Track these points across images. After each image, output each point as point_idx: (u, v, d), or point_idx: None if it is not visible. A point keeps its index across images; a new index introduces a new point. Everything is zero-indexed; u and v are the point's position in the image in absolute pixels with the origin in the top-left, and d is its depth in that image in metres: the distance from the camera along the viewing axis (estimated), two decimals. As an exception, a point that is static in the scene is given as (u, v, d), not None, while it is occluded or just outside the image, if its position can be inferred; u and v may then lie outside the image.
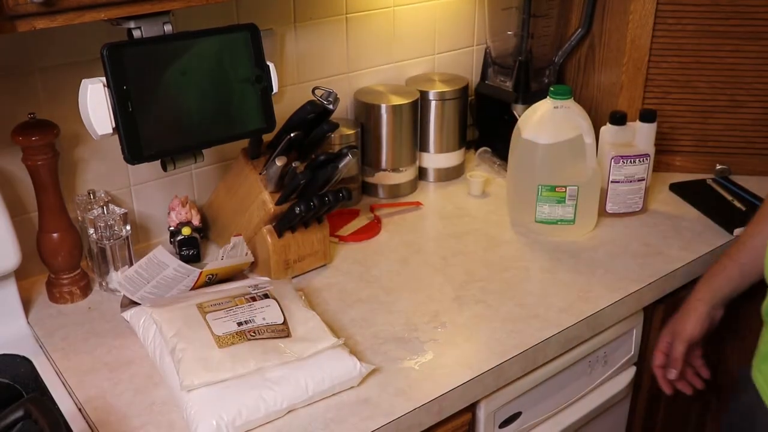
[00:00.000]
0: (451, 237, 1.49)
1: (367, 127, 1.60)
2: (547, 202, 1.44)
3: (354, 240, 1.47)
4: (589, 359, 1.33)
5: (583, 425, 1.38)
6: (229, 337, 1.06)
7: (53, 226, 1.25)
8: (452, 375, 1.11)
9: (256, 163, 1.32)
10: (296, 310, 1.14)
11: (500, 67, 1.76)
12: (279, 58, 1.50)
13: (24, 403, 0.83)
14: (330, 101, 1.26)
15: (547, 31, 1.73)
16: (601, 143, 1.51)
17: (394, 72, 1.71)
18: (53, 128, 1.20)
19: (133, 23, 1.08)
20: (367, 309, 1.26)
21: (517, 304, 1.27)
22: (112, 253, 1.28)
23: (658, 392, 1.56)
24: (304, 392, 1.03)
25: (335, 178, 1.30)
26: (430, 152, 1.70)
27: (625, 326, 1.36)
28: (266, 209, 1.29)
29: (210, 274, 1.22)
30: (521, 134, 1.44)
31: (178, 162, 1.18)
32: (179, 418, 1.02)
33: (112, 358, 1.14)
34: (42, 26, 0.94)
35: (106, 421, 1.02)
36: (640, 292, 1.32)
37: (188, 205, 1.40)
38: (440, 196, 1.66)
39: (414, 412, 1.05)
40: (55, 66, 1.25)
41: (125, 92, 1.07)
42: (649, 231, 1.50)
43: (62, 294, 1.28)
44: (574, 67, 1.79)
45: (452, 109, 1.67)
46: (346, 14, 1.58)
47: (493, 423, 1.22)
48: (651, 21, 1.59)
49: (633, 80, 1.65)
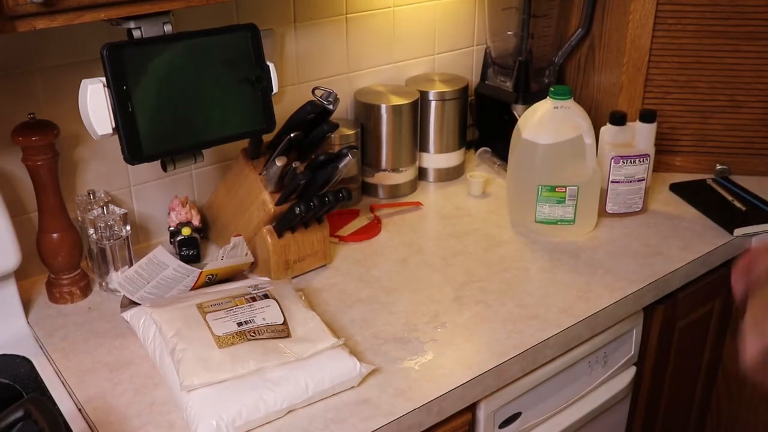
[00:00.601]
0: (451, 237, 1.49)
1: (367, 127, 1.60)
2: (547, 202, 1.44)
3: (354, 240, 1.47)
4: (588, 359, 1.33)
5: (583, 425, 1.38)
6: (229, 338, 1.06)
7: (53, 227, 1.25)
8: (452, 375, 1.11)
9: (256, 163, 1.32)
10: (296, 311, 1.14)
11: (500, 67, 1.76)
12: (279, 58, 1.50)
13: (24, 404, 0.83)
14: (330, 101, 1.26)
15: (547, 31, 1.73)
16: (601, 143, 1.51)
17: (394, 72, 1.71)
18: (53, 128, 1.20)
19: (133, 23, 1.08)
20: (367, 309, 1.26)
21: (517, 305, 1.27)
22: (112, 254, 1.28)
23: (658, 392, 1.56)
24: (304, 392, 1.03)
25: (335, 179, 1.30)
26: (430, 152, 1.70)
27: (625, 326, 1.36)
28: (266, 209, 1.29)
29: (210, 275, 1.22)
30: (521, 134, 1.44)
31: (178, 162, 1.18)
32: (179, 418, 1.02)
33: (112, 358, 1.14)
34: (42, 26, 0.94)
35: (106, 421, 1.02)
36: (640, 292, 1.32)
37: (188, 206, 1.40)
38: (440, 197, 1.66)
39: (414, 413, 1.05)
40: (55, 66, 1.25)
41: (125, 92, 1.07)
42: (649, 231, 1.50)
43: (62, 294, 1.28)
44: (574, 68, 1.79)
45: (452, 109, 1.67)
46: (346, 14, 1.58)
47: (493, 423, 1.22)
48: (651, 21, 1.59)
49: (633, 80, 1.65)
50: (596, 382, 1.38)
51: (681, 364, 1.57)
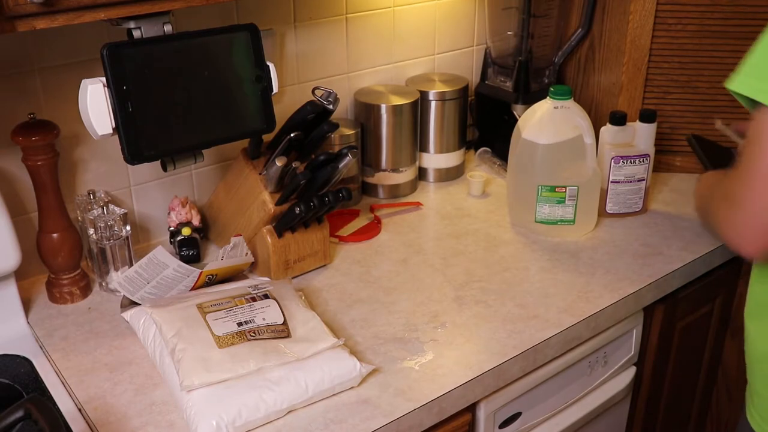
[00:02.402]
0: (451, 237, 1.49)
1: (367, 127, 1.60)
2: (547, 203, 1.44)
3: (354, 240, 1.47)
4: (589, 359, 1.33)
5: (583, 425, 1.38)
6: (229, 338, 1.06)
7: (53, 226, 1.25)
8: (452, 375, 1.11)
9: (256, 163, 1.32)
10: (296, 311, 1.14)
11: (500, 67, 1.76)
12: (279, 58, 1.50)
13: (24, 404, 0.83)
14: (330, 101, 1.26)
15: (547, 31, 1.73)
16: (601, 143, 1.51)
17: (394, 72, 1.71)
18: (53, 128, 1.20)
19: (133, 23, 1.08)
20: (367, 309, 1.26)
21: (517, 305, 1.27)
22: (112, 254, 1.28)
23: (658, 392, 1.56)
24: (304, 393, 1.03)
25: (335, 179, 1.30)
26: (430, 152, 1.70)
27: (625, 326, 1.36)
28: (266, 209, 1.29)
29: (210, 275, 1.22)
30: (521, 134, 1.44)
31: (178, 162, 1.18)
32: (179, 418, 1.02)
33: (112, 359, 1.14)
34: (42, 26, 0.94)
35: (106, 421, 1.02)
36: (640, 292, 1.32)
37: (188, 206, 1.40)
38: (440, 197, 1.66)
39: (414, 413, 1.05)
40: (55, 66, 1.25)
41: (125, 92, 1.07)
42: (649, 231, 1.50)
43: (62, 294, 1.28)
44: (574, 67, 1.79)
45: (452, 109, 1.67)
46: (346, 14, 1.58)
47: (493, 423, 1.22)
48: (651, 21, 1.59)
49: (633, 80, 1.65)
50: (596, 382, 1.38)
51: (681, 364, 1.57)
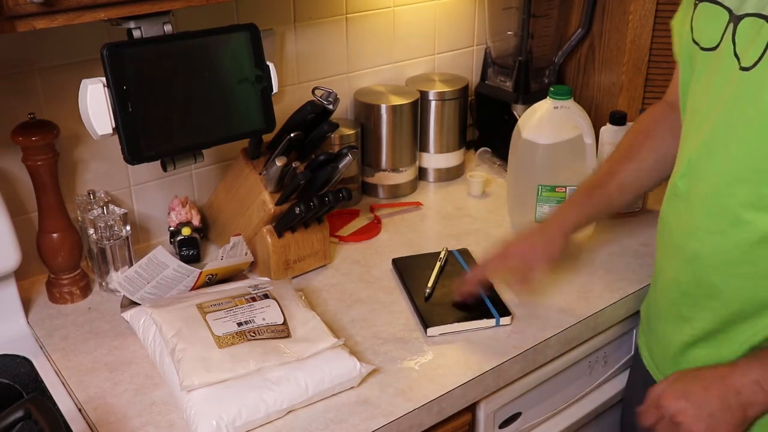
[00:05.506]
0: (451, 237, 1.49)
1: (367, 127, 1.60)
2: (547, 203, 1.44)
3: (354, 240, 1.47)
4: (588, 359, 1.33)
5: (583, 425, 1.38)
6: (229, 338, 1.06)
7: (53, 226, 1.25)
8: (452, 375, 1.11)
9: (256, 163, 1.32)
10: (296, 311, 1.14)
11: (500, 67, 1.76)
12: (279, 58, 1.50)
13: (24, 404, 0.83)
14: (330, 101, 1.26)
15: (547, 31, 1.73)
16: (601, 143, 1.51)
17: (394, 72, 1.71)
18: (53, 128, 1.20)
19: (133, 23, 1.08)
20: (367, 309, 1.26)
21: (517, 304, 1.27)
22: (112, 254, 1.28)
23: (658, 392, 1.55)
24: (304, 393, 1.03)
25: (335, 178, 1.30)
26: (430, 152, 1.70)
27: (625, 326, 1.36)
28: (266, 209, 1.29)
29: (210, 275, 1.22)
30: (521, 134, 1.44)
31: (178, 162, 1.18)
32: (179, 418, 1.02)
33: (112, 359, 1.14)
34: (42, 26, 0.94)
35: (106, 421, 1.02)
36: (640, 292, 1.32)
37: (188, 206, 1.40)
38: (440, 197, 1.66)
39: (414, 413, 1.05)
40: (55, 66, 1.25)
41: (125, 92, 1.07)
42: (649, 231, 1.49)
43: (62, 294, 1.28)
44: (574, 67, 1.79)
45: (452, 109, 1.67)
46: (346, 14, 1.58)
47: (493, 423, 1.22)
48: (651, 21, 1.59)
49: (633, 80, 1.65)
50: (596, 382, 1.38)
51: (681, 364, 1.57)
